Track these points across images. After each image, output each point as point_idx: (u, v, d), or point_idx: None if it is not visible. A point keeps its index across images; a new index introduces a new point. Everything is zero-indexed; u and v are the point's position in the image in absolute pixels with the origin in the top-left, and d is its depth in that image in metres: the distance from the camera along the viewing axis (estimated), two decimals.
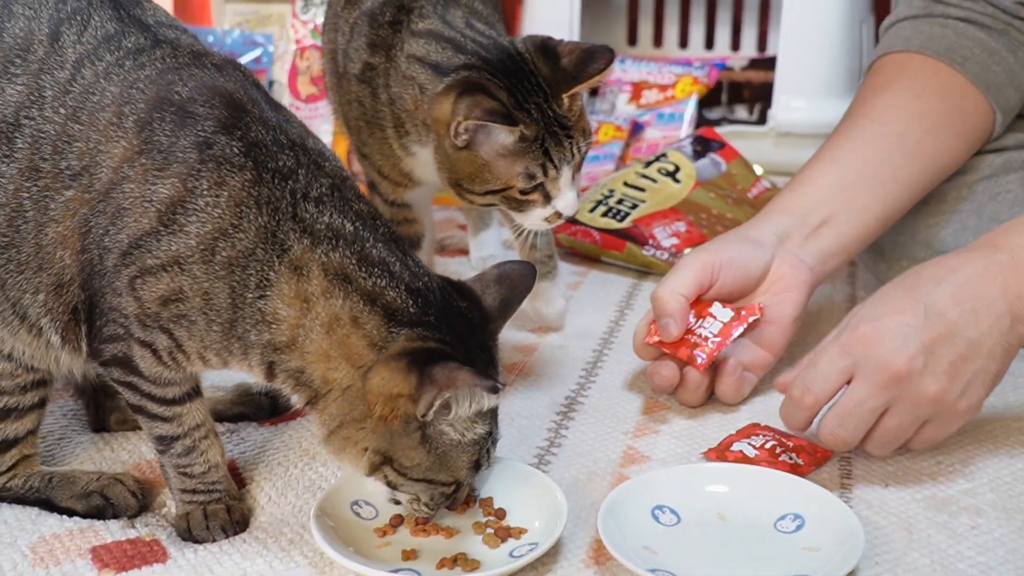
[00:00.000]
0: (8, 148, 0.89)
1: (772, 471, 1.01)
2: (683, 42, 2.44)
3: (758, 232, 1.21)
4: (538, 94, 1.09)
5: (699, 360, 1.14)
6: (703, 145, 1.75)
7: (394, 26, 1.18)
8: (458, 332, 0.86)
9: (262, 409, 1.16)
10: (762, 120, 2.18)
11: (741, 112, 2.29)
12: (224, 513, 0.96)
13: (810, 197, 1.23)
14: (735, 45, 2.42)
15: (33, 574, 0.90)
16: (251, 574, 0.90)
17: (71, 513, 0.98)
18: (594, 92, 2.23)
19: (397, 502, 0.93)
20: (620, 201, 1.63)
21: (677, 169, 1.69)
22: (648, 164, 1.70)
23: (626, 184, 1.66)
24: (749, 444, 1.05)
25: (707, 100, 2.27)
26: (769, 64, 2.19)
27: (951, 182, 1.34)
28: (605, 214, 1.62)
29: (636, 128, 2.07)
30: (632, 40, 2.48)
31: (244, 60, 2.03)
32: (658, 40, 2.46)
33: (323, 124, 1.97)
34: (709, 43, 2.44)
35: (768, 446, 1.05)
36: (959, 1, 1.30)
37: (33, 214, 0.90)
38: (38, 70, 0.89)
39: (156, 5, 0.98)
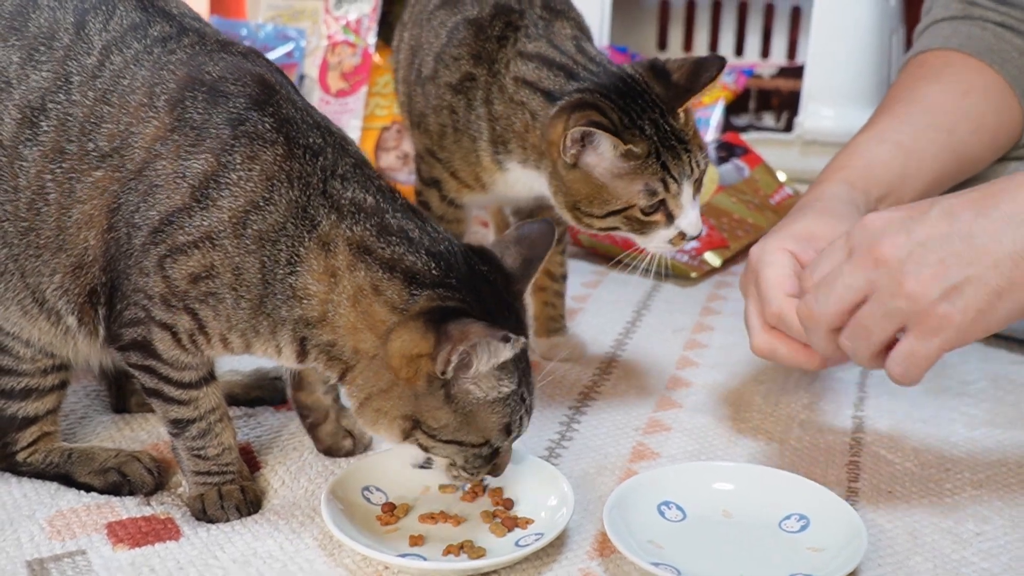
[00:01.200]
0: (32, 132, 0.91)
1: (780, 471, 1.01)
2: (713, 48, 2.45)
3: (837, 204, 1.10)
4: (653, 110, 1.07)
5: None
6: (727, 150, 1.76)
7: (501, 41, 1.16)
8: (481, 294, 0.87)
9: (278, 393, 1.17)
10: (788, 128, 2.19)
11: (768, 119, 2.30)
12: (238, 493, 0.98)
13: (874, 172, 1.17)
14: (765, 52, 2.43)
15: (49, 546, 0.92)
16: (261, 554, 0.92)
17: (89, 488, 1.00)
18: None
19: (424, 466, 0.94)
20: None
21: None
22: None
23: None
24: None
25: (735, 107, 2.28)
26: (798, 72, 2.19)
27: (971, 186, 1.35)
28: None
29: None
30: (662, 45, 2.49)
31: (276, 54, 2.05)
32: (688, 46, 2.47)
33: (352, 119, 1.99)
34: (739, 50, 2.44)
35: None
36: (996, 5, 1.30)
37: (56, 196, 0.91)
38: (64, 57, 0.91)
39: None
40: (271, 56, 2.04)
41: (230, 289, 0.88)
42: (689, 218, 1.09)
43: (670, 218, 1.09)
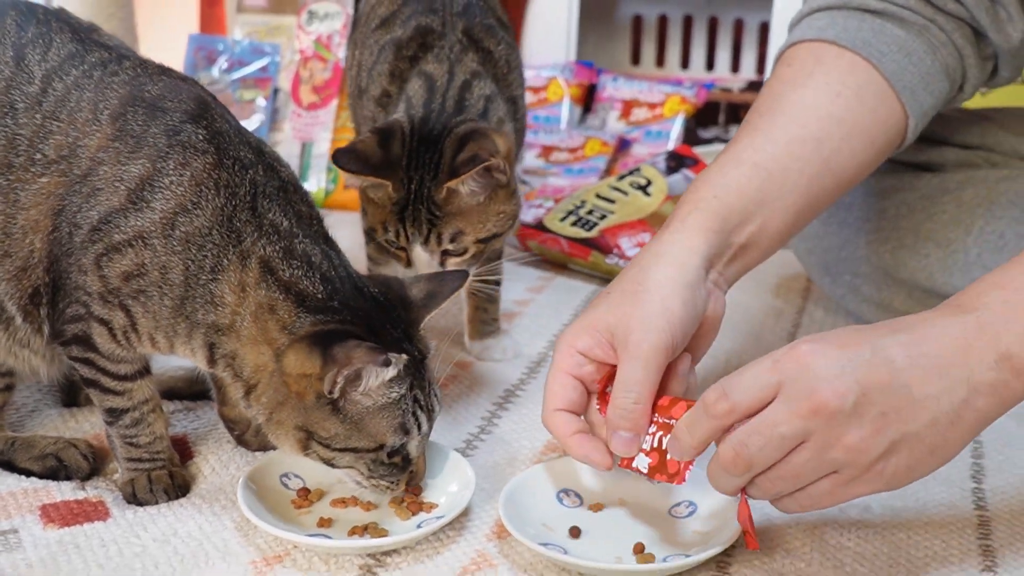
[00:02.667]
0: None
1: None
2: (684, 62, 2.52)
3: (689, 268, 1.01)
4: (429, 171, 1.16)
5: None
6: (677, 161, 1.82)
7: (412, 61, 1.25)
8: (365, 313, 0.94)
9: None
10: None
11: (735, 132, 2.35)
12: (167, 478, 1.04)
13: (728, 202, 1.06)
14: (735, 67, 2.49)
15: None
16: (181, 534, 0.98)
17: (29, 474, 1.07)
18: (587, 108, 2.31)
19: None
20: (590, 212, 1.71)
21: (649, 183, 1.76)
22: (622, 178, 1.78)
23: (598, 196, 1.74)
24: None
25: (704, 119, 2.34)
26: None
27: (890, 200, 1.40)
28: (575, 223, 1.69)
29: (623, 144, 2.14)
30: (636, 60, 2.56)
31: (252, 68, 2.13)
32: (660, 60, 2.54)
33: (322, 132, 2.06)
34: (710, 64, 2.51)
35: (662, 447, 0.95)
36: None
37: (3, 206, 0.98)
38: (6, 88, 0.99)
39: (112, 35, 1.07)
40: (247, 70, 2.13)
41: (156, 287, 0.95)
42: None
43: (409, 264, 1.21)
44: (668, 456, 0.93)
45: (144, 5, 2.13)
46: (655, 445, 0.94)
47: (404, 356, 0.91)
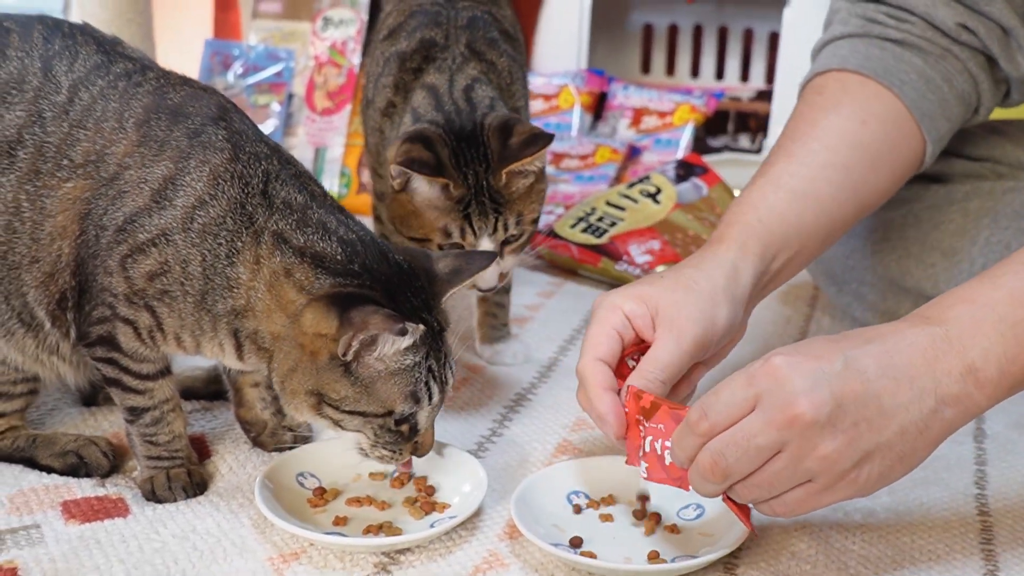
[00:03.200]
0: (9, 161, 1.01)
1: None
2: (694, 71, 2.54)
3: (739, 284, 1.07)
4: (479, 163, 1.17)
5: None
6: (686, 170, 1.84)
7: (416, 73, 1.28)
8: (387, 278, 0.96)
9: None
10: (761, 149, 2.27)
11: (744, 141, 2.38)
12: (185, 476, 1.07)
13: (770, 228, 1.12)
14: (744, 76, 2.51)
15: (7, 520, 1.01)
16: (199, 530, 1.01)
17: (50, 470, 1.10)
18: (598, 116, 2.33)
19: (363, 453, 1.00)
20: (600, 219, 1.73)
21: (658, 191, 1.78)
22: (631, 185, 1.80)
23: (608, 203, 1.76)
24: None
25: (714, 128, 2.36)
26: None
27: (897, 211, 1.42)
28: (585, 230, 1.72)
29: (633, 152, 2.16)
30: (646, 68, 2.58)
31: (267, 73, 2.16)
32: (670, 69, 2.56)
33: (336, 136, 2.09)
34: (719, 73, 2.53)
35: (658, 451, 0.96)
36: (897, 23, 1.26)
37: (30, 213, 1.01)
38: (35, 97, 1.02)
39: (135, 47, 1.10)
40: (262, 76, 2.15)
41: (179, 284, 0.97)
42: (484, 273, 1.11)
43: None
44: (668, 462, 0.95)
45: (161, 10, 2.16)
46: (647, 450, 0.96)
47: (421, 327, 0.92)
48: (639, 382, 0.98)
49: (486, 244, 1.18)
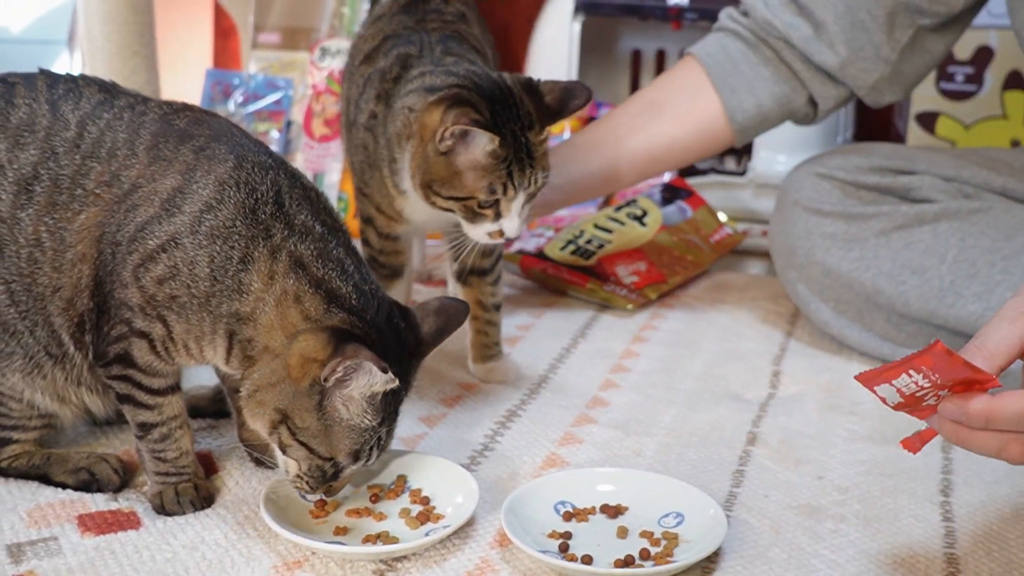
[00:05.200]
0: (27, 197, 1.08)
1: (666, 477, 1.15)
2: None
3: None
4: (515, 122, 1.24)
5: None
6: (672, 193, 1.91)
7: (396, 80, 1.35)
8: (385, 339, 1.02)
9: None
10: (745, 171, 2.34)
11: (730, 163, 2.44)
12: (192, 491, 1.13)
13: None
14: None
15: (27, 533, 1.07)
16: (208, 541, 1.07)
17: (64, 486, 1.16)
18: None
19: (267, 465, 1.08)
20: (589, 241, 1.79)
21: (645, 214, 1.85)
22: (619, 208, 1.87)
23: (596, 226, 1.83)
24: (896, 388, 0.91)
25: None
26: None
27: (868, 226, 1.49)
28: (574, 252, 1.78)
29: None
30: (634, 93, 2.64)
31: (266, 102, 2.23)
32: None
33: (333, 162, 2.15)
34: None
35: (919, 394, 0.90)
36: (739, 18, 1.60)
37: (51, 243, 1.08)
38: (46, 136, 1.09)
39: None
40: (262, 104, 2.22)
41: (185, 288, 1.03)
42: (513, 222, 1.26)
43: (498, 216, 1.26)
44: (924, 404, 0.91)
45: (163, 42, 2.23)
46: (916, 394, 0.90)
47: (396, 380, 0.98)
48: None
49: (521, 198, 1.26)
